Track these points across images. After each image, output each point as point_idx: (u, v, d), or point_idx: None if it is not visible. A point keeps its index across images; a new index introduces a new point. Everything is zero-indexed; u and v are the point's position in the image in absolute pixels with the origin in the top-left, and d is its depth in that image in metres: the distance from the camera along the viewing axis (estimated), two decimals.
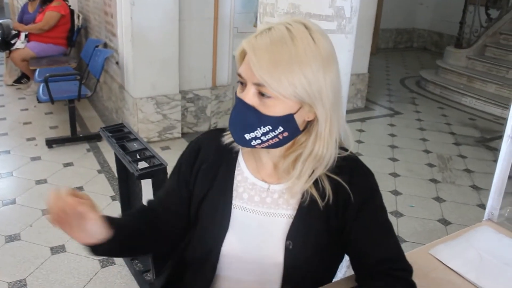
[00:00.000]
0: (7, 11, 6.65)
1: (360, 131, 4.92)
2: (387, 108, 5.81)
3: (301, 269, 1.07)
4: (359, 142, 4.59)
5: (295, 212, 1.07)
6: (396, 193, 3.56)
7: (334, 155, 1.03)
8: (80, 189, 3.35)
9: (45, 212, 3.03)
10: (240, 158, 1.14)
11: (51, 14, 5.29)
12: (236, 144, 1.10)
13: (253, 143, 0.99)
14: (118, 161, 2.48)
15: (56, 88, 4.03)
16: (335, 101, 1.00)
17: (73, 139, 4.14)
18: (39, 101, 4.22)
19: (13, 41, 5.38)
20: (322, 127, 1.00)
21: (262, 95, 0.95)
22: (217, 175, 1.13)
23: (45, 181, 3.46)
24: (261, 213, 1.09)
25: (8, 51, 5.49)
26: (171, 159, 2.44)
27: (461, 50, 6.69)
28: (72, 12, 5.56)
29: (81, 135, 4.24)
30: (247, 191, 1.11)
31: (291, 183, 1.05)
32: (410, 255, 1.30)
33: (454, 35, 7.30)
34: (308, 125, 1.02)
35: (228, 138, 1.12)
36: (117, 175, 2.71)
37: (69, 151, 4.00)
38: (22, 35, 5.38)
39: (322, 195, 1.04)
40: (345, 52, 1.97)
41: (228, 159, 1.14)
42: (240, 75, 0.98)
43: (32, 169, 3.65)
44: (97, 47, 4.69)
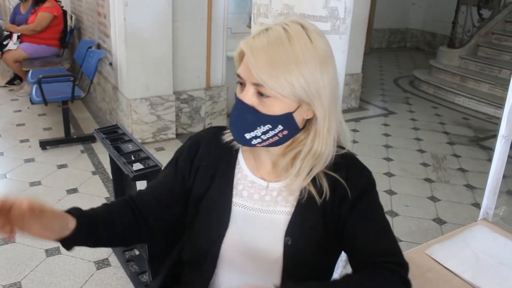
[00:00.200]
0: None
1: (355, 131, 4.93)
2: (381, 108, 5.83)
3: (300, 265, 1.08)
4: (353, 142, 4.60)
5: (293, 209, 1.07)
6: (391, 192, 3.58)
7: (332, 152, 1.05)
8: (74, 190, 3.34)
9: None
10: (240, 156, 1.15)
11: (43, 15, 5.26)
12: (235, 143, 1.11)
13: (254, 142, 1.01)
14: (113, 163, 2.48)
15: (49, 89, 4.01)
16: (333, 99, 1.02)
17: (67, 140, 4.12)
18: (32, 102, 4.19)
19: (5, 42, 5.35)
20: (321, 125, 1.01)
21: (261, 95, 0.97)
22: (217, 173, 1.13)
23: (39, 183, 3.44)
24: (260, 210, 1.09)
25: (0, 52, 5.46)
26: (166, 160, 2.43)
27: (454, 50, 6.73)
28: (64, 13, 5.54)
29: (75, 136, 4.22)
30: (246, 189, 1.12)
31: (289, 180, 1.06)
32: (406, 255, 1.31)
33: (447, 35, 7.34)
34: (307, 123, 1.04)
35: (228, 137, 1.13)
36: (111, 177, 2.70)
37: (63, 152, 3.98)
38: (15, 36, 5.35)
39: (320, 191, 1.05)
40: (339, 52, 1.97)
41: (228, 157, 1.14)
42: (239, 75, 1.00)
43: (26, 171, 3.63)
44: (90, 48, 4.67)
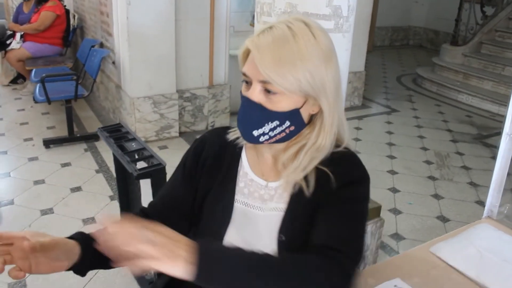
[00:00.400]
0: (1, 11, 6.61)
1: (358, 128, 4.92)
2: (384, 106, 5.82)
3: None
4: (356, 140, 4.60)
5: (286, 205, 1.08)
6: (394, 190, 3.57)
7: (331, 148, 1.06)
8: (78, 189, 3.35)
9: (44, 212, 3.04)
10: (243, 153, 1.16)
11: (46, 14, 5.27)
12: (240, 140, 1.13)
13: (261, 139, 1.02)
14: (117, 161, 2.48)
15: (52, 88, 4.02)
16: (337, 94, 1.04)
17: (70, 139, 4.13)
18: (35, 101, 4.21)
19: (8, 42, 5.37)
20: (327, 119, 1.03)
21: (268, 92, 0.98)
22: (221, 171, 1.15)
23: (43, 181, 3.45)
24: (259, 208, 1.10)
25: (3, 52, 5.47)
26: (169, 158, 2.44)
27: (457, 48, 6.71)
28: (67, 12, 5.55)
29: (78, 135, 4.23)
30: (247, 187, 1.13)
31: (288, 173, 1.06)
32: (411, 253, 1.32)
33: (450, 32, 7.32)
34: (312, 118, 1.05)
35: (232, 135, 1.15)
36: (115, 175, 2.71)
37: (67, 151, 3.99)
38: (18, 35, 5.36)
39: (309, 185, 1.05)
40: (343, 51, 1.97)
41: (232, 155, 1.16)
42: (245, 74, 1.01)
43: (29, 170, 3.64)
44: (93, 47, 4.68)
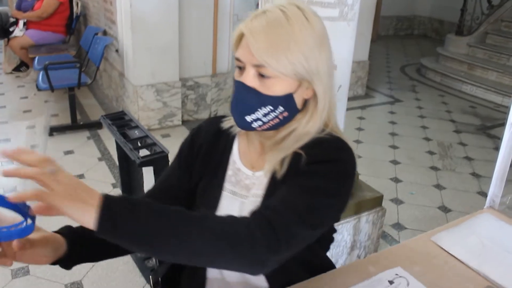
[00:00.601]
0: None
1: (361, 118, 4.91)
2: (387, 96, 5.80)
3: None
4: (359, 129, 4.59)
5: (264, 191, 1.07)
6: (396, 180, 3.57)
7: (316, 133, 1.04)
8: (81, 176, 3.36)
9: None
10: (235, 142, 1.16)
11: (49, 2, 5.25)
12: (233, 129, 1.14)
13: (254, 125, 1.01)
14: (119, 149, 2.48)
15: (55, 76, 4.02)
16: (330, 78, 1.03)
17: (73, 127, 4.13)
18: (38, 89, 4.20)
19: (11, 29, 5.34)
20: (320, 103, 1.03)
21: (262, 76, 0.97)
22: (214, 158, 1.15)
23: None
24: (244, 196, 1.10)
25: (6, 39, 5.46)
26: (172, 146, 2.44)
27: (462, 38, 6.66)
28: None
29: (81, 123, 4.23)
30: (234, 175, 1.13)
31: (272, 154, 1.05)
32: (412, 242, 1.32)
33: (455, 22, 7.25)
34: (305, 104, 1.05)
35: (227, 124, 1.15)
36: (118, 163, 2.72)
37: (70, 139, 4.00)
38: (21, 22, 5.34)
39: (282, 169, 1.03)
40: (347, 39, 1.96)
41: (225, 143, 1.16)
42: (238, 59, 1.00)
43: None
44: (96, 34, 4.66)
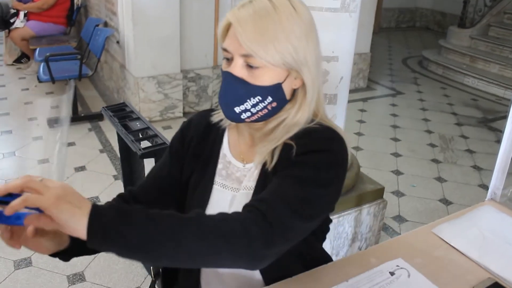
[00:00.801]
0: None
1: (362, 111, 4.90)
2: (389, 88, 5.79)
3: None
4: (360, 122, 4.59)
5: (255, 183, 1.07)
6: (397, 173, 3.57)
7: (305, 123, 1.03)
8: (82, 168, 3.37)
9: None
10: (225, 135, 1.15)
11: None
12: (223, 122, 1.13)
13: (243, 116, 1.00)
14: (121, 140, 2.48)
15: (56, 67, 4.01)
16: (318, 68, 1.03)
17: (74, 118, 4.13)
18: (39, 80, 4.20)
19: (12, 20, 5.33)
20: (309, 92, 1.02)
21: (250, 66, 0.96)
22: (204, 152, 1.15)
23: (47, 160, 3.46)
24: (235, 189, 1.10)
25: (7, 31, 5.45)
26: None
27: (464, 30, 6.63)
28: None
29: (82, 114, 4.23)
30: (225, 168, 1.13)
31: (262, 145, 1.04)
32: (413, 233, 1.32)
33: (458, 14, 7.21)
34: (294, 93, 1.04)
35: (217, 117, 1.14)
36: (119, 155, 2.72)
37: (71, 130, 4.00)
38: (21, 14, 5.33)
39: (273, 160, 1.03)
40: (349, 31, 1.95)
41: (215, 136, 1.15)
42: (226, 49, 0.98)
43: (34, 149, 3.65)
44: (97, 26, 4.65)
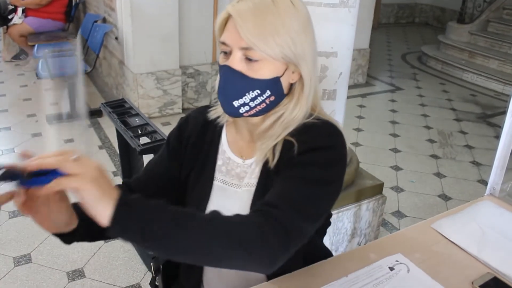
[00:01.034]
0: None
1: (361, 106, 4.90)
2: (388, 84, 5.78)
3: None
4: (359, 117, 4.59)
5: (257, 180, 1.08)
6: (396, 168, 3.58)
7: (304, 118, 1.04)
8: None
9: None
10: (223, 131, 1.15)
11: None
12: (221, 119, 1.13)
13: (241, 110, 1.00)
14: (120, 137, 2.48)
15: (55, 64, 4.00)
16: (314, 63, 1.04)
17: (73, 115, 4.12)
18: (38, 77, 4.19)
19: (10, 16, 5.31)
20: (307, 87, 1.03)
21: (249, 60, 0.97)
22: (203, 148, 1.15)
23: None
24: (236, 186, 1.10)
25: (5, 27, 5.43)
26: None
27: (464, 25, 6.63)
28: None
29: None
30: (225, 165, 1.13)
31: (262, 142, 1.04)
32: (413, 229, 1.32)
33: (457, 10, 7.21)
34: (291, 88, 1.05)
35: (214, 114, 1.14)
36: (118, 151, 2.72)
37: (69, 127, 3.98)
38: (19, 10, 5.31)
39: (274, 157, 1.04)
40: (348, 26, 1.95)
41: (213, 133, 1.15)
42: (224, 42, 0.98)
43: (33, 146, 3.65)
44: (96, 22, 4.64)
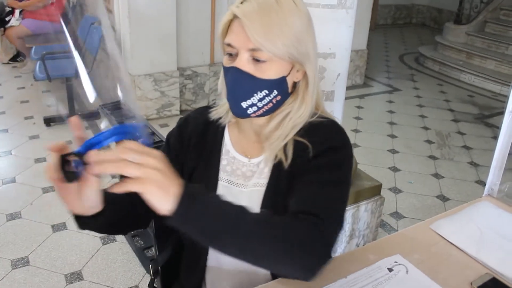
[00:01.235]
0: None
1: (359, 107, 4.91)
2: (385, 85, 5.79)
3: None
4: (357, 118, 4.59)
5: (267, 180, 1.08)
6: (395, 169, 3.58)
7: (309, 116, 1.07)
8: None
9: (45, 190, 3.05)
10: (226, 131, 1.16)
11: None
12: (222, 120, 1.14)
13: (249, 111, 1.02)
14: None
15: (53, 66, 4.00)
16: (316, 61, 1.06)
17: (70, 117, 4.11)
18: (36, 79, 4.17)
19: (7, 19, 5.31)
20: (311, 85, 1.05)
21: (256, 61, 0.98)
22: (205, 149, 1.15)
23: (44, 159, 3.45)
24: (242, 185, 1.11)
25: (2, 29, 5.42)
26: None
27: (461, 26, 6.64)
28: None
29: (79, 113, 4.22)
30: (230, 164, 1.13)
31: (271, 143, 1.06)
32: (411, 229, 1.32)
33: (454, 11, 7.23)
34: (295, 86, 1.07)
35: (215, 114, 1.15)
36: None
37: (68, 129, 3.95)
38: (17, 12, 5.31)
39: (287, 157, 1.05)
40: (346, 27, 1.95)
41: (215, 133, 1.16)
42: (230, 44, 0.99)
43: (31, 148, 3.64)
44: (93, 24, 4.62)
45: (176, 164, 1.16)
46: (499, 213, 1.38)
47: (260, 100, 1.00)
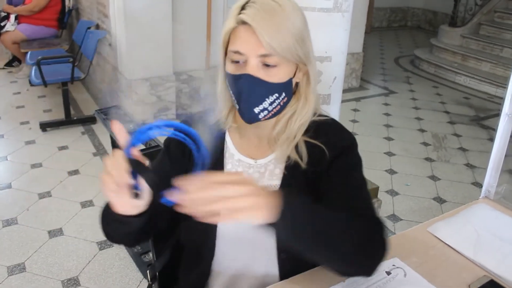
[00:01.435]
0: None
1: (355, 110, 4.92)
2: (381, 88, 5.81)
3: None
4: (354, 121, 4.60)
5: (280, 181, 1.09)
6: (391, 172, 3.58)
7: (312, 115, 1.10)
8: (75, 172, 3.34)
9: (42, 195, 3.03)
10: (227, 136, 1.16)
11: None
12: (222, 125, 1.13)
13: (261, 115, 1.03)
14: (114, 143, 2.48)
15: (48, 70, 3.99)
16: (315, 60, 1.08)
17: (67, 122, 4.11)
18: (31, 84, 4.17)
19: (2, 24, 5.29)
20: (313, 84, 1.07)
21: (266, 66, 0.99)
22: None
23: (40, 165, 3.44)
24: None
25: None
26: None
27: (456, 29, 6.67)
28: None
29: (75, 118, 4.21)
30: (235, 168, 1.13)
31: (281, 144, 1.08)
32: (409, 232, 1.32)
33: (449, 13, 7.26)
34: (297, 87, 1.09)
35: (214, 119, 1.15)
36: None
37: (64, 134, 3.98)
38: (12, 17, 5.29)
39: (302, 158, 1.07)
40: (342, 30, 1.96)
41: (216, 137, 1.15)
42: (238, 51, 0.98)
43: (27, 153, 3.63)
44: (89, 28, 4.62)
45: (179, 171, 1.15)
46: (496, 215, 1.38)
47: (271, 104, 1.02)
